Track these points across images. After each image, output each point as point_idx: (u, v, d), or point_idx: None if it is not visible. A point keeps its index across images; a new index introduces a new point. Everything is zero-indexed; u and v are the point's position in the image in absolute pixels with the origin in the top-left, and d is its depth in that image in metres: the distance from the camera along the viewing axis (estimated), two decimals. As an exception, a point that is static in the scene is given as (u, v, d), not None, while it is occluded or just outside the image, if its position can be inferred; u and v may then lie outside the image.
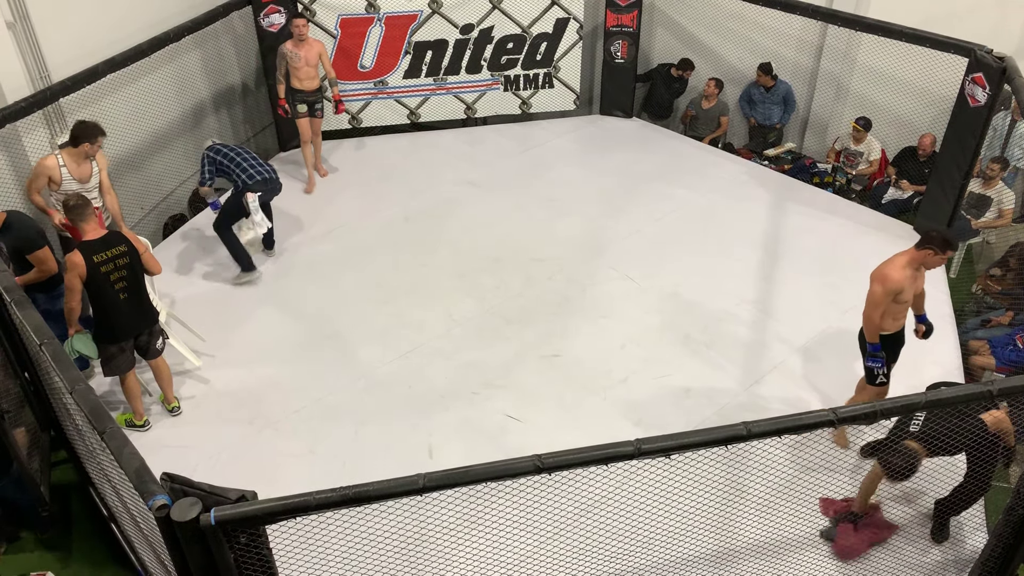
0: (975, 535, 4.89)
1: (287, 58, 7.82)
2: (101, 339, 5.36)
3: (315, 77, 7.99)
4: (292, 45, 7.79)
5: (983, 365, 6.19)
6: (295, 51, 7.78)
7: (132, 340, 5.47)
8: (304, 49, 7.79)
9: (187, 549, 3.00)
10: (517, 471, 3.13)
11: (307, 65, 7.86)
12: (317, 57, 7.91)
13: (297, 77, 7.89)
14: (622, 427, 5.65)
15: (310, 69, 7.90)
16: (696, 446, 3.28)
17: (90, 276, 5.09)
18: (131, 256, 5.27)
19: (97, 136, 6.03)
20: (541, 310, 6.80)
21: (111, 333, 5.35)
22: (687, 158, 9.01)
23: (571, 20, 9.25)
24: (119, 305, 5.26)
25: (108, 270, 5.15)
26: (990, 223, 7.50)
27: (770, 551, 4.70)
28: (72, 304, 5.17)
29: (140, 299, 5.39)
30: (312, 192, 8.40)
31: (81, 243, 5.14)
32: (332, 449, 5.56)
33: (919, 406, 3.42)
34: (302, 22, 7.75)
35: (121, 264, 5.21)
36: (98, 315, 5.31)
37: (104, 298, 5.20)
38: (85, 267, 5.06)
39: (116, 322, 5.32)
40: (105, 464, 4.40)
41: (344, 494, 2.97)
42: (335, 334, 6.56)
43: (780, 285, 7.05)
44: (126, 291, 5.26)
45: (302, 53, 7.79)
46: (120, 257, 5.20)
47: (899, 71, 7.92)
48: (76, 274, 5.06)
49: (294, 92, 7.98)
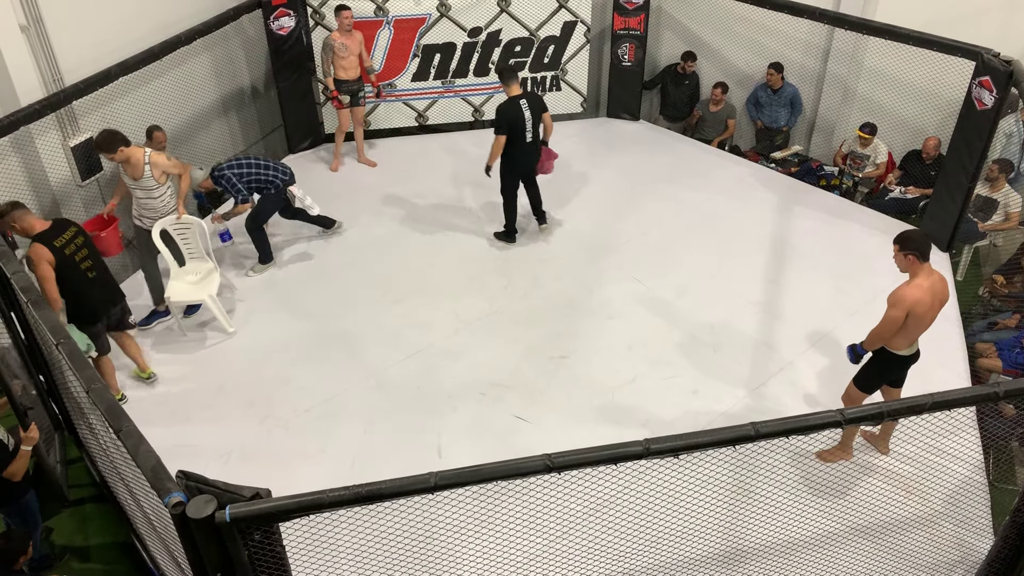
0: (981, 537, 4.91)
1: (335, 49, 8.07)
2: (83, 321, 5.53)
3: (357, 66, 8.31)
4: (339, 36, 8.06)
5: (990, 367, 6.20)
6: (343, 41, 8.05)
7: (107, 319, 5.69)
8: (350, 39, 8.10)
9: (202, 546, 3.04)
10: (527, 470, 3.16)
11: (351, 55, 8.17)
12: (359, 46, 8.21)
13: (342, 67, 8.20)
14: (629, 428, 5.67)
15: (354, 59, 8.22)
16: (705, 446, 3.30)
17: (58, 261, 5.28)
18: (84, 235, 5.52)
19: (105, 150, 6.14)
20: (548, 311, 6.84)
21: (91, 313, 5.55)
22: (694, 160, 9.04)
23: (578, 23, 9.28)
24: (91, 283, 5.49)
25: (71, 251, 5.38)
26: (997, 226, 7.51)
27: (778, 551, 4.72)
28: (54, 295, 5.31)
29: (106, 275, 5.68)
30: (337, 171, 8.84)
31: (37, 235, 5.34)
32: (342, 448, 5.61)
33: (925, 407, 3.44)
34: (349, 13, 8.02)
35: (80, 243, 5.45)
36: (72, 300, 5.47)
37: (74, 281, 5.40)
38: (51, 253, 5.25)
39: (91, 301, 5.53)
40: (119, 462, 4.46)
41: (357, 492, 3.01)
42: (344, 334, 6.61)
43: (787, 287, 7.08)
44: (92, 269, 5.51)
45: (348, 43, 8.08)
46: (76, 238, 5.45)
47: (906, 74, 7.93)
48: (46, 262, 5.26)
49: (338, 83, 8.27)
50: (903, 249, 4.82)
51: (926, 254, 4.80)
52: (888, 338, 4.90)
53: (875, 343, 4.97)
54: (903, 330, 4.84)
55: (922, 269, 4.82)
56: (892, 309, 4.79)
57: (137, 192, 6.29)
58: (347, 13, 8.01)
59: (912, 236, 4.85)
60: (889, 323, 4.81)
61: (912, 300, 4.73)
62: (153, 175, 6.17)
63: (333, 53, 8.11)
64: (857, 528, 4.89)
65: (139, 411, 5.73)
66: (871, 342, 4.98)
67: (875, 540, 4.80)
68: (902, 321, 4.78)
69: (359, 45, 8.23)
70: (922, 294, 4.75)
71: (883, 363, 5.04)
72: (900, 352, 4.96)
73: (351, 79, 8.32)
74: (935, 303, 4.83)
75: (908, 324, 4.80)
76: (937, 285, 4.84)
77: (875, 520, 4.92)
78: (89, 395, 3.59)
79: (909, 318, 4.77)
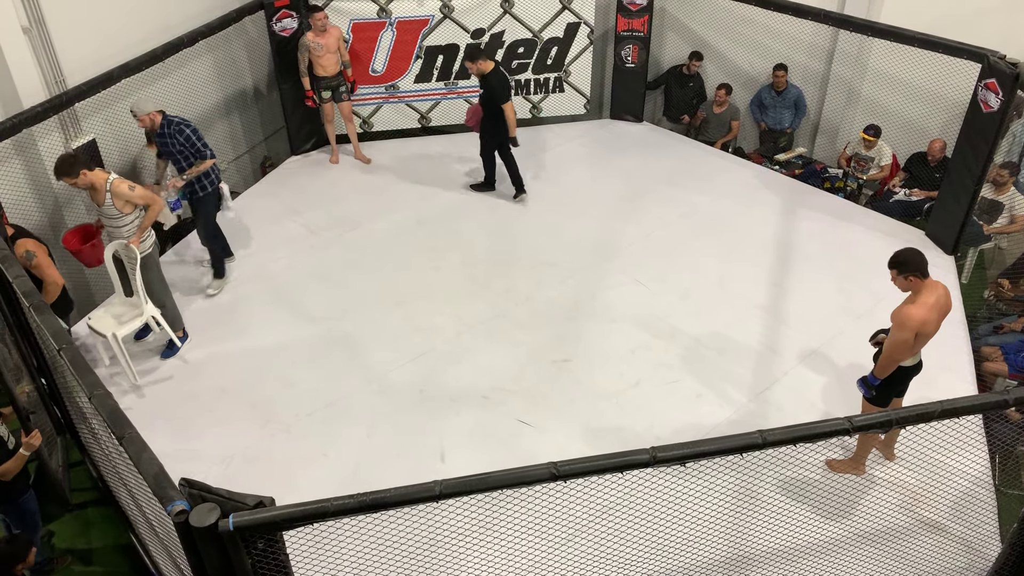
0: (988, 543, 4.87)
1: (310, 48, 8.22)
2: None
3: (336, 63, 8.43)
4: (314, 35, 8.20)
5: (995, 371, 6.17)
6: (317, 40, 8.19)
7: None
8: (325, 38, 8.22)
9: (205, 554, 3.02)
10: (533, 478, 3.14)
11: (328, 52, 8.31)
12: (336, 43, 8.33)
13: (320, 65, 8.34)
14: (632, 433, 5.66)
15: (331, 56, 8.35)
16: (712, 454, 3.28)
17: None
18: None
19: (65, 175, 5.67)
20: (552, 314, 6.82)
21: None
22: (697, 162, 9.01)
23: (582, 24, 9.26)
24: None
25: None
26: (1002, 229, 7.48)
27: (783, 558, 4.70)
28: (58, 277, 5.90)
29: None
30: (337, 162, 8.98)
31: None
32: (344, 452, 5.59)
33: (935, 415, 3.42)
34: (322, 14, 8.17)
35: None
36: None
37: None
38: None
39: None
40: (121, 468, 4.44)
41: (362, 501, 2.99)
42: (346, 337, 6.59)
43: (791, 291, 7.05)
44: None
45: (323, 42, 8.22)
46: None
47: (911, 76, 7.90)
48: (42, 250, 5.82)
49: (317, 80, 8.43)
50: (902, 272, 4.64)
51: (925, 271, 4.64)
52: (900, 360, 4.77)
53: (888, 369, 4.81)
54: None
55: (925, 286, 4.66)
56: (900, 331, 4.63)
57: (103, 219, 5.97)
58: (320, 15, 8.15)
59: (908, 258, 4.63)
60: (899, 346, 4.66)
61: (919, 321, 4.60)
62: (115, 204, 5.77)
63: (308, 52, 8.26)
64: (863, 534, 4.87)
65: (140, 414, 5.75)
66: (883, 369, 4.82)
67: (881, 547, 4.76)
68: (912, 343, 4.66)
69: (337, 41, 8.36)
70: (928, 312, 4.62)
71: (890, 378, 4.94)
72: (905, 365, 4.90)
73: (330, 75, 8.46)
74: (941, 318, 4.75)
75: (916, 341, 4.71)
76: (942, 300, 4.72)
77: (881, 526, 4.89)
78: (92, 401, 3.58)
79: (917, 336, 4.65)
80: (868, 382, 4.96)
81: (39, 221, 6.65)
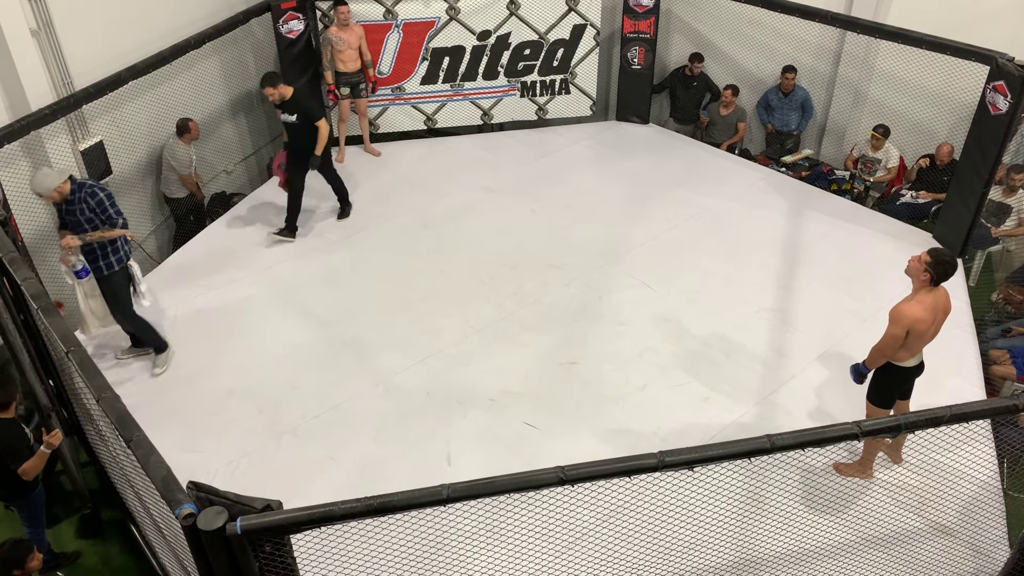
0: (996, 547, 4.86)
1: (332, 43, 8.32)
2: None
3: (357, 59, 8.54)
4: (337, 30, 8.30)
5: (1003, 375, 6.15)
6: (340, 36, 8.28)
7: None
8: (347, 33, 8.31)
9: (212, 557, 3.02)
10: (540, 482, 3.14)
11: (350, 48, 8.41)
12: (358, 40, 8.43)
13: (341, 60, 8.45)
14: (639, 435, 5.65)
15: (352, 52, 8.46)
16: (720, 459, 3.27)
17: None
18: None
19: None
20: (558, 317, 6.81)
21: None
22: (704, 164, 9.00)
23: (588, 26, 9.25)
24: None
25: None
26: (1010, 231, 7.45)
27: (790, 561, 4.68)
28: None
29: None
30: (343, 161, 8.94)
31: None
32: (351, 455, 5.59)
33: (944, 419, 3.40)
34: (346, 8, 8.23)
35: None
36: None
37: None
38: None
39: None
40: (129, 471, 4.45)
41: (369, 504, 2.99)
42: (353, 340, 6.59)
43: (798, 293, 7.03)
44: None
45: (346, 37, 8.32)
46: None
47: (918, 78, 7.88)
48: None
49: (337, 75, 8.54)
50: (932, 267, 4.67)
51: (943, 280, 4.71)
52: (890, 355, 4.83)
53: (877, 361, 4.89)
54: (904, 345, 4.77)
55: (929, 288, 4.74)
56: (892, 326, 4.71)
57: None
58: (344, 8, 8.23)
59: (947, 260, 4.67)
60: (890, 340, 4.74)
61: (912, 318, 4.65)
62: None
63: (331, 46, 8.32)
64: (870, 538, 4.85)
65: (148, 416, 5.72)
66: (873, 360, 4.91)
67: (889, 551, 4.75)
68: (902, 339, 4.71)
69: (358, 39, 8.44)
70: (923, 312, 4.66)
71: (889, 377, 4.97)
72: (904, 364, 4.90)
73: (351, 71, 8.55)
74: (937, 319, 4.77)
75: (909, 339, 4.73)
76: (940, 302, 4.76)
77: (889, 530, 4.87)
78: (100, 404, 3.58)
79: (909, 335, 4.70)
80: (859, 370, 5.02)
81: (46, 222, 6.66)
